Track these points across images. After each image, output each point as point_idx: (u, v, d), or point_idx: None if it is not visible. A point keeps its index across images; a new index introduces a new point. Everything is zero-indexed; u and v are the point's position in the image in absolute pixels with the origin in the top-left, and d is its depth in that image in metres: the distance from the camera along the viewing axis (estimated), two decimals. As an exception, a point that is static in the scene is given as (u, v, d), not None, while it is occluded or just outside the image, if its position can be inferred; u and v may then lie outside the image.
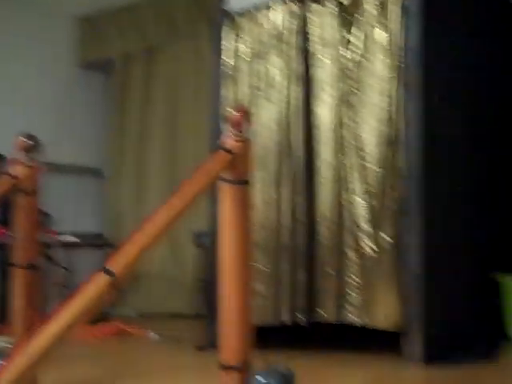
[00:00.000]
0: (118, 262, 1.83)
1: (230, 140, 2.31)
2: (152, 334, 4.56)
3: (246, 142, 2.35)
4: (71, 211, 5.95)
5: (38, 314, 2.81)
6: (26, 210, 2.74)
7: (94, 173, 7.02)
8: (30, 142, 2.86)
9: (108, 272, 1.80)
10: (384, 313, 3.36)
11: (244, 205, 2.26)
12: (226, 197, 2.24)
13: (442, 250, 3.46)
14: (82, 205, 6.65)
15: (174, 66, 6.81)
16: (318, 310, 3.57)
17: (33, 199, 2.78)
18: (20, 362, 1.59)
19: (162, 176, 6.69)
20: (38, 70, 6.66)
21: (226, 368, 2.19)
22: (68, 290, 5.54)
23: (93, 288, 1.76)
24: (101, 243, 6.39)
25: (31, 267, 2.72)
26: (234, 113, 2.38)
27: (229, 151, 2.25)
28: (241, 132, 2.36)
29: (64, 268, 5.43)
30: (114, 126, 7.06)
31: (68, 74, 7.08)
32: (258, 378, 2.17)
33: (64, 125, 6.67)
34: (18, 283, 2.70)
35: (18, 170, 2.76)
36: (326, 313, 3.55)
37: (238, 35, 4.06)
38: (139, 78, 6.96)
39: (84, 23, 7.22)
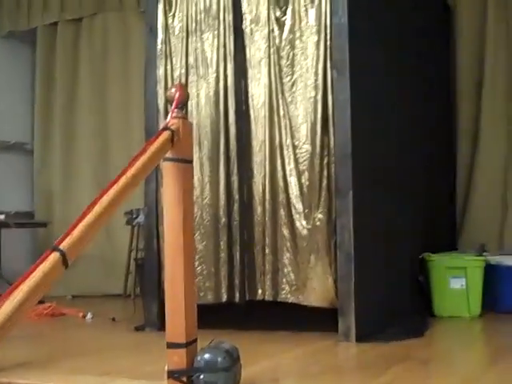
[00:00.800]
0: (68, 241, 1.85)
1: (172, 119, 2.35)
2: (88, 315, 4.56)
3: (187, 121, 2.40)
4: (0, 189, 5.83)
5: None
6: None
7: (22, 149, 6.87)
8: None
9: (59, 250, 1.82)
10: (318, 290, 3.43)
11: (187, 183, 2.31)
12: (170, 175, 2.29)
13: (374, 230, 3.60)
14: (10, 182, 6.51)
15: (100, 38, 6.72)
16: (255, 288, 3.64)
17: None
18: None
19: (92, 151, 6.62)
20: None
21: (173, 345, 2.24)
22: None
23: (45, 266, 1.78)
24: (31, 222, 6.29)
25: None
26: (174, 91, 2.42)
27: (172, 130, 2.29)
28: (182, 111, 2.40)
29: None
30: (40, 100, 6.90)
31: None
32: (206, 354, 2.22)
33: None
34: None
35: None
36: (263, 291, 3.61)
37: (170, 11, 4.05)
38: (65, 50, 6.81)
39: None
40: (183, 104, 2.37)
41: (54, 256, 1.83)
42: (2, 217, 5.58)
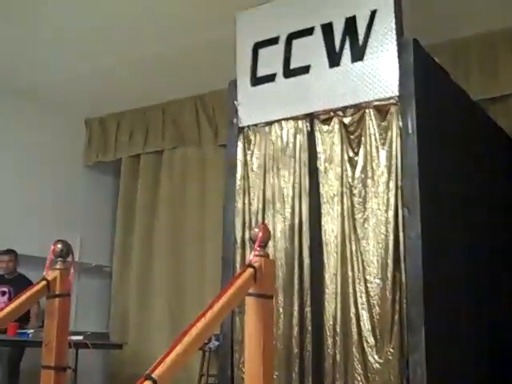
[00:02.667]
0: (161, 369, 2.01)
1: (255, 257, 2.53)
2: None
3: (269, 259, 2.58)
4: (79, 310, 6.08)
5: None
6: (59, 313, 2.91)
7: (101, 271, 7.21)
8: (63, 248, 3.05)
9: (151, 379, 1.97)
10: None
11: (268, 317, 2.46)
12: (252, 310, 2.44)
13: (447, 365, 3.60)
14: (88, 303, 6.79)
15: (180, 169, 7.14)
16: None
17: (65, 302, 2.95)
18: None
19: (167, 276, 6.87)
20: (49, 169, 6.99)
21: None
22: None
23: (138, 394, 1.92)
24: (108, 343, 6.48)
25: (61, 369, 2.87)
26: (257, 231, 2.62)
27: (255, 268, 2.47)
28: (264, 249, 2.59)
29: (70, 368, 5.49)
30: (121, 226, 7.31)
31: (78, 175, 7.41)
32: None
33: (75, 224, 6.92)
34: (47, 385, 2.84)
35: (52, 275, 2.95)
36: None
37: (249, 149, 4.35)
38: (146, 179, 7.28)
39: (93, 124, 7.59)
40: (266, 243, 2.56)
41: (147, 384, 1.97)
42: (81, 337, 5.77)
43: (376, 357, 3.56)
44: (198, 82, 6.54)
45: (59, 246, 3.02)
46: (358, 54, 3.94)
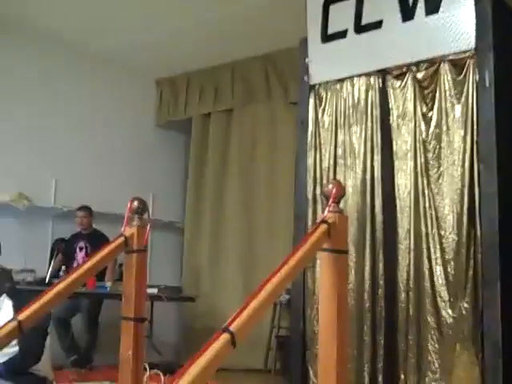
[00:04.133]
0: (237, 323, 2.07)
1: (328, 213, 2.55)
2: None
3: (342, 214, 2.59)
4: (152, 264, 6.25)
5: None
6: (137, 267, 3.01)
7: (174, 227, 7.38)
8: (140, 205, 3.13)
9: (229, 331, 2.03)
10: (464, 380, 3.45)
11: (342, 272, 2.48)
12: (326, 265, 2.47)
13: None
14: (162, 258, 6.98)
15: (250, 126, 7.16)
16: (397, 373, 3.71)
17: (142, 257, 3.05)
18: None
19: (238, 230, 6.97)
20: (122, 129, 7.15)
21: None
22: (150, 341, 5.81)
23: (216, 346, 1.99)
24: (181, 296, 6.66)
25: (140, 320, 2.98)
26: (331, 187, 2.63)
27: (329, 224, 2.48)
28: (338, 206, 2.60)
29: (146, 319, 5.68)
30: (192, 183, 7.43)
31: (150, 134, 7.54)
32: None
33: (147, 182, 7.08)
34: (127, 335, 2.95)
35: (129, 231, 3.04)
36: (405, 377, 3.67)
37: (320, 106, 4.34)
38: (217, 137, 7.33)
39: (165, 85, 7.68)
40: (339, 199, 2.57)
41: (225, 337, 2.03)
42: (155, 290, 5.95)
43: (450, 311, 3.56)
44: (267, 41, 6.50)
45: (135, 203, 3.09)
46: (433, 7, 3.84)
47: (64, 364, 5.70)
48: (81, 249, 6.29)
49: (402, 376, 3.69)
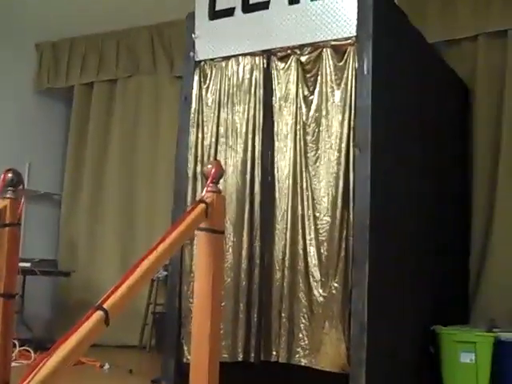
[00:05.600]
0: (111, 301, 2.05)
1: (207, 193, 2.57)
2: (105, 365, 4.71)
3: (220, 195, 2.62)
4: (27, 237, 6.05)
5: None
6: (8, 242, 2.91)
7: (50, 199, 7.16)
8: (14, 177, 3.02)
9: (103, 309, 2.02)
10: (331, 356, 3.57)
11: (218, 252, 2.52)
12: (203, 244, 2.50)
13: (388, 301, 3.76)
14: (36, 231, 6.76)
15: (134, 99, 7.06)
16: (270, 349, 3.79)
17: (15, 231, 2.96)
18: None
19: (117, 204, 6.88)
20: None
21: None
22: (21, 316, 5.64)
23: (89, 324, 1.97)
24: (55, 271, 6.50)
25: (9, 296, 2.90)
26: (210, 167, 2.65)
27: (206, 203, 2.51)
28: (216, 186, 2.63)
29: (18, 294, 5.51)
30: (72, 154, 7.23)
31: (28, 100, 7.24)
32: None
33: (23, 151, 6.81)
34: (-4, 311, 2.86)
35: (2, 204, 2.93)
36: (277, 353, 3.76)
37: (205, 83, 4.33)
38: (99, 108, 7.18)
39: (45, 50, 7.39)
40: (218, 179, 2.60)
41: (98, 315, 2.01)
42: (28, 264, 5.79)
43: (321, 291, 3.68)
44: (155, 12, 6.41)
45: (9, 175, 2.99)
46: (318, -8, 3.91)
47: None
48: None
49: (274, 353, 3.78)
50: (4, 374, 2.81)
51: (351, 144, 3.75)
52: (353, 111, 3.76)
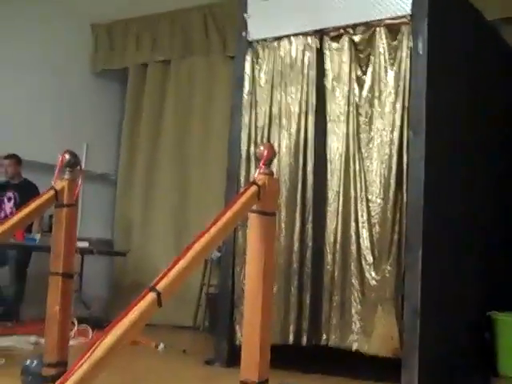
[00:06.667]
0: (164, 283, 2.08)
1: (259, 175, 2.57)
2: (160, 345, 4.77)
3: (273, 177, 2.61)
4: (84, 217, 6.18)
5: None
6: (66, 222, 2.97)
7: (106, 179, 7.29)
8: (71, 158, 3.07)
9: (155, 291, 2.05)
10: (383, 340, 3.56)
11: (270, 234, 2.52)
12: (255, 226, 2.50)
13: (442, 286, 3.70)
14: (93, 211, 6.90)
15: (187, 79, 7.09)
16: (322, 333, 3.79)
17: (72, 211, 3.01)
18: (81, 371, 1.80)
19: (172, 185, 6.94)
20: (54, 75, 6.89)
21: (247, 384, 2.41)
22: (79, 295, 5.78)
23: (142, 305, 2.00)
24: (112, 251, 6.62)
25: (68, 276, 2.96)
26: (263, 149, 2.65)
27: (259, 186, 2.51)
28: (269, 168, 2.63)
29: (76, 273, 5.64)
30: (126, 134, 7.32)
31: (84, 81, 7.33)
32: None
33: (81, 132, 6.93)
34: (55, 291, 2.93)
35: (60, 184, 2.99)
36: (327, 337, 3.77)
37: (258, 64, 4.31)
38: (153, 89, 7.23)
39: (101, 31, 7.48)
40: (270, 161, 2.59)
41: (151, 296, 2.04)
42: (86, 244, 5.90)
43: (373, 274, 3.66)
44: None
45: (67, 156, 3.04)
46: (372, -30, 3.84)
47: (-10, 317, 5.63)
48: (9, 199, 6.14)
49: (325, 336, 3.79)
50: (62, 351, 2.89)
51: (405, 125, 3.70)
52: (407, 92, 3.71)
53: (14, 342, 4.51)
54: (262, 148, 2.63)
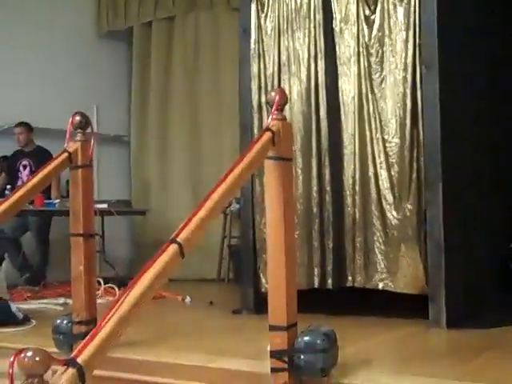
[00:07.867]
0: (185, 234, 2.08)
1: (272, 121, 2.54)
2: (187, 298, 4.83)
3: (286, 122, 2.59)
4: (101, 179, 6.21)
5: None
6: (82, 183, 2.98)
7: (120, 141, 7.29)
8: (82, 119, 3.06)
9: (177, 242, 2.05)
10: (409, 278, 3.56)
11: (288, 180, 2.51)
12: (272, 173, 2.48)
13: (463, 220, 3.69)
14: (110, 173, 6.92)
15: (193, 34, 7.02)
16: (347, 275, 3.81)
17: (87, 172, 3.02)
18: (108, 327, 1.81)
19: (185, 142, 6.95)
20: (61, 39, 6.85)
21: (276, 328, 2.42)
22: (103, 256, 5.84)
23: (165, 257, 2.01)
24: (131, 210, 6.66)
25: (88, 236, 2.98)
26: (274, 95, 2.61)
27: (273, 131, 2.48)
28: (281, 113, 2.60)
29: (98, 235, 5.69)
30: (136, 95, 7.30)
31: (91, 44, 7.29)
32: (306, 336, 2.38)
33: (90, 95, 6.91)
34: (78, 251, 2.95)
35: (73, 146, 2.99)
36: (353, 278, 3.78)
37: (263, 12, 4.24)
38: (159, 47, 7.19)
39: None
40: (282, 106, 2.56)
41: (173, 248, 2.05)
42: (105, 205, 5.94)
43: (394, 213, 3.65)
44: None
45: (77, 117, 3.03)
46: None
47: (18, 283, 5.72)
48: (24, 167, 6.18)
49: (350, 278, 3.80)
50: (91, 309, 2.93)
51: (417, 62, 3.64)
52: (417, 28, 3.64)
53: (43, 305, 4.60)
54: (273, 94, 2.59)
